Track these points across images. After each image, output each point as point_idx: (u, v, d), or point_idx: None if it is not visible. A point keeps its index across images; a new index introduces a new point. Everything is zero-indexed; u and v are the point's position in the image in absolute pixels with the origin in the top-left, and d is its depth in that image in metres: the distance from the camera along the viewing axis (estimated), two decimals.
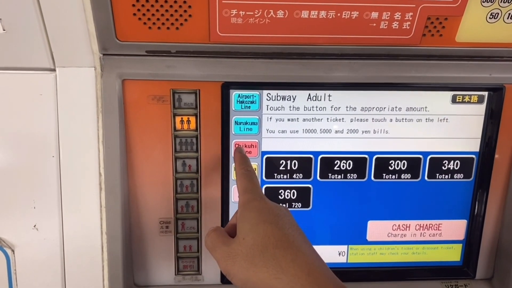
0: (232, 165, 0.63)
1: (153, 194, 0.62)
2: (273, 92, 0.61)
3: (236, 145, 0.62)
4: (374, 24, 0.55)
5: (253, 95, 0.61)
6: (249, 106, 0.62)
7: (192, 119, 0.60)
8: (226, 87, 0.59)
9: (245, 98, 0.61)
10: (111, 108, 0.57)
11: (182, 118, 0.60)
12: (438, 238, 0.68)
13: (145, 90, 0.58)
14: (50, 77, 0.57)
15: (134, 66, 0.57)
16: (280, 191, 0.65)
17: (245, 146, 0.63)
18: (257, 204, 0.46)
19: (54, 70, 0.57)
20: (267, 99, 0.62)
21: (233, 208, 0.64)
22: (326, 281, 0.39)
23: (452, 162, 0.65)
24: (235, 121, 0.62)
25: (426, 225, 0.67)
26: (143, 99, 0.59)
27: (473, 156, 0.65)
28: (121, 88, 0.58)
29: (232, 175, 0.64)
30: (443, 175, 0.66)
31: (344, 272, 0.67)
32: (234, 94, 0.61)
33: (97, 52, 0.57)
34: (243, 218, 0.45)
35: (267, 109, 0.62)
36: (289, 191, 0.65)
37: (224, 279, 0.66)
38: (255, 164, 0.64)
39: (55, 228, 0.60)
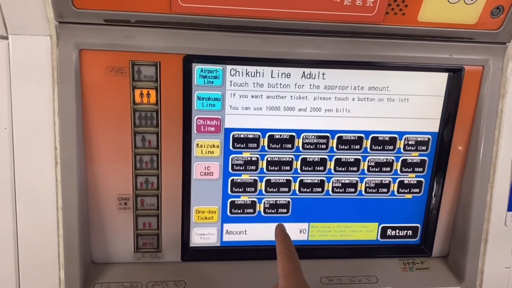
0: (195, 142, 0.62)
1: (111, 170, 0.61)
2: (237, 68, 0.61)
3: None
4: (338, 0, 0.55)
5: (216, 70, 0.60)
6: (212, 81, 0.61)
7: (152, 92, 0.59)
8: (188, 61, 0.58)
9: (208, 72, 0.60)
10: (68, 79, 0.55)
11: (141, 91, 0.58)
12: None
13: (103, 61, 0.56)
14: (2, 45, 0.54)
15: (91, 36, 0.55)
16: (244, 167, 0.65)
17: (208, 121, 0.62)
18: None
19: (6, 37, 0.54)
20: (230, 75, 0.61)
21: (194, 186, 0.64)
22: None
23: (411, 141, 0.66)
24: (198, 96, 0.61)
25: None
26: (101, 70, 0.57)
27: (433, 136, 0.67)
28: (78, 58, 0.55)
29: (195, 152, 0.63)
30: (403, 154, 0.67)
31: (305, 249, 0.67)
32: (196, 68, 0.60)
33: (53, 20, 0.54)
34: None
35: (231, 85, 0.61)
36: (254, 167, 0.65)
37: (184, 257, 0.65)
38: (218, 140, 0.63)
39: (8, 203, 0.58)
